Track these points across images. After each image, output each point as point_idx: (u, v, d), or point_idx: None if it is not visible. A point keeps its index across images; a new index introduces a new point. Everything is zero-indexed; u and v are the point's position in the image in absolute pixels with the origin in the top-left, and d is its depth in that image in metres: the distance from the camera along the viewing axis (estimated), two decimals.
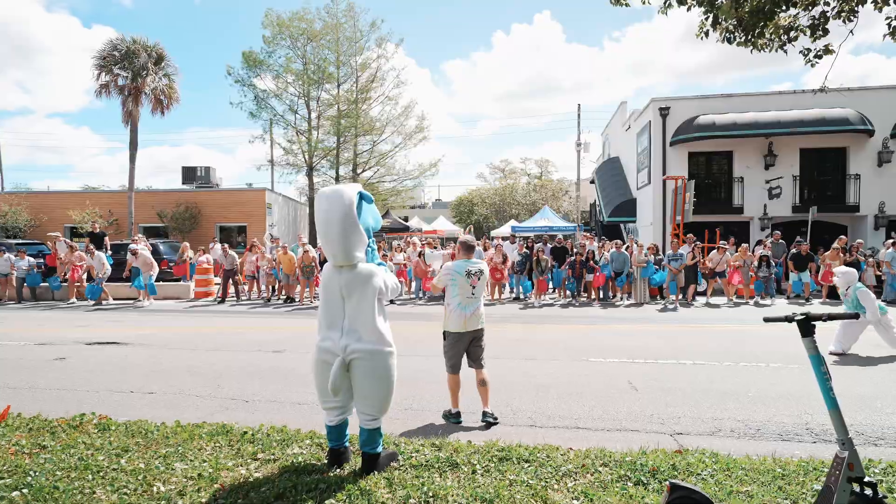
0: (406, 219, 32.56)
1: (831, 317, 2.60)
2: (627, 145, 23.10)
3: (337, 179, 28.65)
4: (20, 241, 18.36)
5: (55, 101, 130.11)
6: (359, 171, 28.78)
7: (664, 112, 18.18)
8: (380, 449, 3.23)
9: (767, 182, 17.80)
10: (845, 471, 2.42)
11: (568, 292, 13.76)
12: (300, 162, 26.93)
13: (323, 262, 12.87)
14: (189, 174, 25.89)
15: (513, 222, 29.48)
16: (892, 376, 6.01)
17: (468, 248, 4.33)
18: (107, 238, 15.54)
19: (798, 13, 3.18)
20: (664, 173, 17.94)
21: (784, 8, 2.98)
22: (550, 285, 13.78)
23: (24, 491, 2.90)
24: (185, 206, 22.61)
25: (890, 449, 3.94)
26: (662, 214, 18.16)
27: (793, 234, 15.87)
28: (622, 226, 24.00)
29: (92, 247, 13.73)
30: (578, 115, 33.97)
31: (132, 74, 18.70)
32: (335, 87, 27.47)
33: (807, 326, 2.55)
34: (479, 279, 4.15)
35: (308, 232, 28.02)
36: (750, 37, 3.02)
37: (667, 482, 2.60)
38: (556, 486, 3.01)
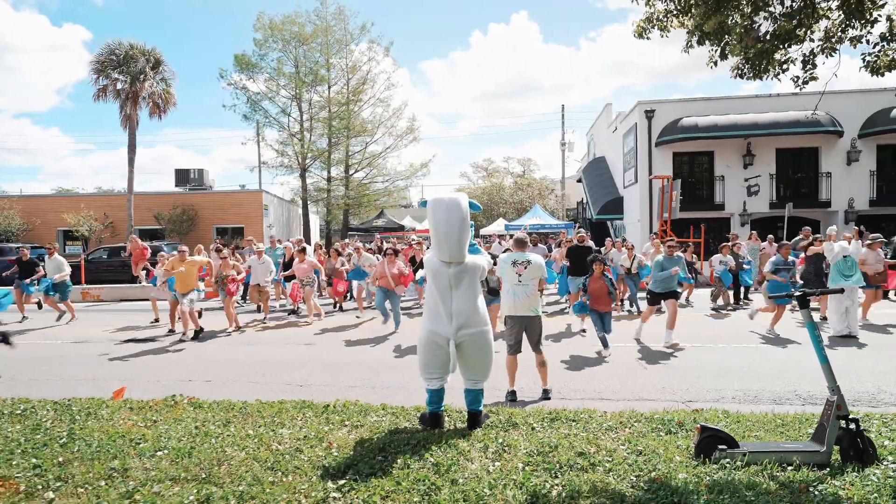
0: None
1: (822, 292, 3.33)
2: (613, 146, 24.04)
3: (329, 181, 29.04)
4: (33, 245, 18.43)
5: (23, 101, 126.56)
6: (351, 172, 29.21)
7: (650, 114, 19.11)
8: (481, 408, 3.98)
9: (746, 180, 18.86)
10: (835, 411, 3.15)
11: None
12: (294, 164, 27.24)
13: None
14: (182, 176, 26.05)
15: (502, 221, 30.23)
16: (866, 352, 6.86)
17: (518, 243, 5.01)
18: (39, 268, 11.18)
19: (790, 49, 3.92)
20: (651, 173, 18.86)
21: (782, 47, 3.70)
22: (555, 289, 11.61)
23: (165, 451, 3.46)
24: (181, 209, 22.78)
25: (864, 407, 4.72)
26: (649, 212, 19.08)
27: (770, 229, 16.92)
28: (609, 223, 24.96)
29: None
30: (563, 115, 34.87)
31: (130, 79, 18.88)
32: (326, 89, 27.86)
33: (803, 300, 3.27)
34: (525, 268, 4.79)
35: (302, 233, 28.36)
36: (756, 71, 3.74)
37: (696, 425, 3.29)
38: (603, 437, 3.68)
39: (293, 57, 26.69)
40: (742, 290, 11.36)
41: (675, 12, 4.04)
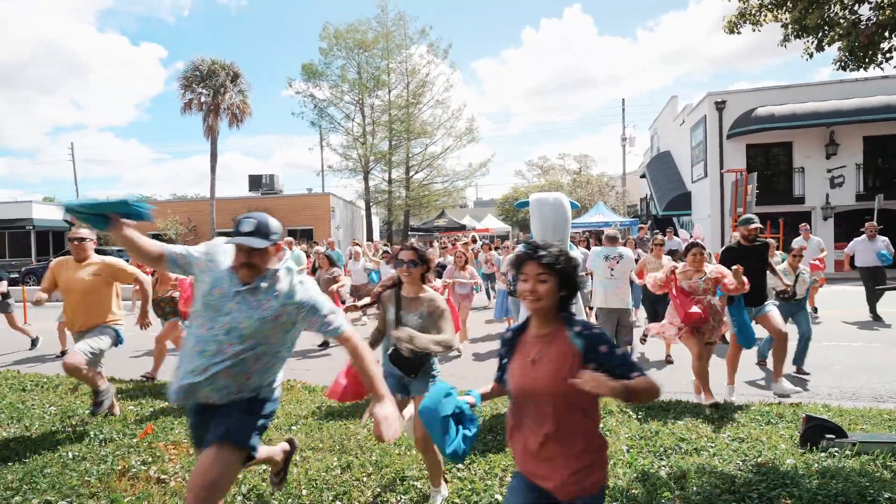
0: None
1: None
2: (680, 139, 23.29)
3: (390, 182, 29.90)
4: (119, 248, 20.34)
5: (106, 116, 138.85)
6: (411, 173, 29.92)
7: (720, 106, 18.42)
8: None
9: (829, 171, 17.78)
10: None
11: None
12: (358, 167, 28.27)
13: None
14: (255, 181, 27.78)
15: None
16: None
17: (610, 239, 5.18)
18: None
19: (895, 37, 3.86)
20: (722, 166, 18.16)
21: (888, 36, 3.65)
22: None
23: (297, 427, 3.91)
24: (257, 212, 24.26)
25: None
26: (720, 207, 18.40)
27: (857, 223, 15.87)
28: (676, 219, 24.19)
29: None
30: (623, 109, 34.09)
31: (213, 92, 20.36)
32: (387, 93, 28.70)
33: None
34: (617, 262, 4.97)
35: (365, 234, 29.37)
36: (860, 62, 3.71)
37: (802, 415, 3.35)
38: (701, 426, 3.79)
39: (356, 63, 27.72)
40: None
41: (769, 6, 4.08)
